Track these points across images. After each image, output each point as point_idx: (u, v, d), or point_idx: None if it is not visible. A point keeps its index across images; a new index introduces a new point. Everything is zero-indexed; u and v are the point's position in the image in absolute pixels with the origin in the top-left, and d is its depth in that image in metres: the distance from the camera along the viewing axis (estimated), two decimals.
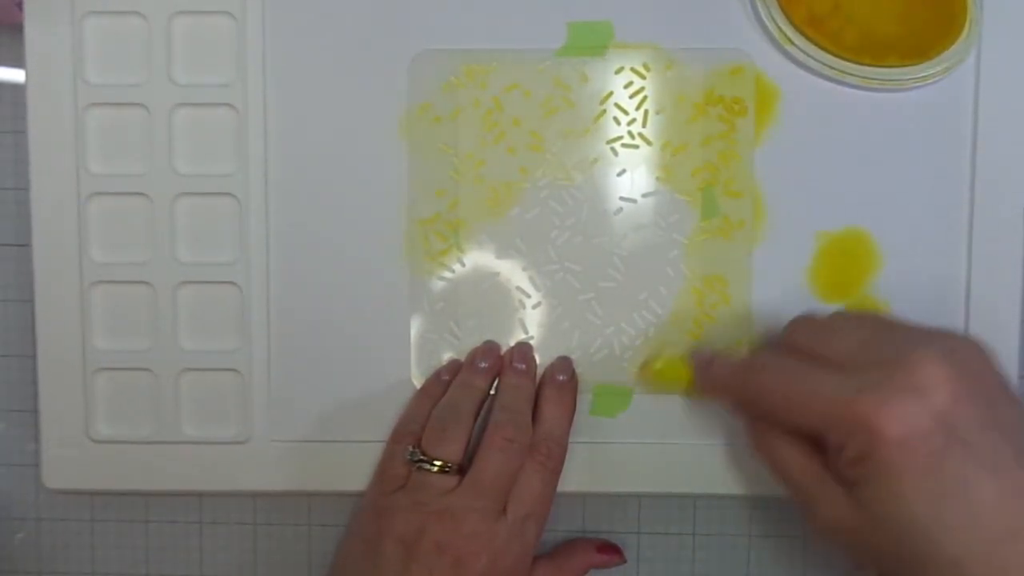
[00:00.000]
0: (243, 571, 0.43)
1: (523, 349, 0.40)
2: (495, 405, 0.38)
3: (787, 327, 0.36)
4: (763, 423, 0.35)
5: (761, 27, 0.39)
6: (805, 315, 0.36)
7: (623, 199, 0.39)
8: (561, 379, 0.39)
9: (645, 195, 0.39)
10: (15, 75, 0.42)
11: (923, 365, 0.30)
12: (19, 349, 0.43)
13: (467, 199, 0.40)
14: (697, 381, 0.38)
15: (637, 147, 0.39)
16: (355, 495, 0.40)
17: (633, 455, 0.40)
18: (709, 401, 0.39)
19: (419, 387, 0.40)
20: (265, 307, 0.40)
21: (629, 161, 0.39)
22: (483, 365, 0.39)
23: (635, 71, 0.39)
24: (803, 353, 0.34)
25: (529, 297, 0.40)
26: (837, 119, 0.39)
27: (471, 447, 0.38)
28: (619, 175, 0.39)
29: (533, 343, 0.40)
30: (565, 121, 0.39)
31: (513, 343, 0.40)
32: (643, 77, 0.39)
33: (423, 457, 0.37)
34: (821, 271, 0.39)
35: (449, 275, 0.40)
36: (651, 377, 0.40)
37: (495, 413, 0.38)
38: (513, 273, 0.40)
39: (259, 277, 0.40)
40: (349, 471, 0.40)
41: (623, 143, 0.39)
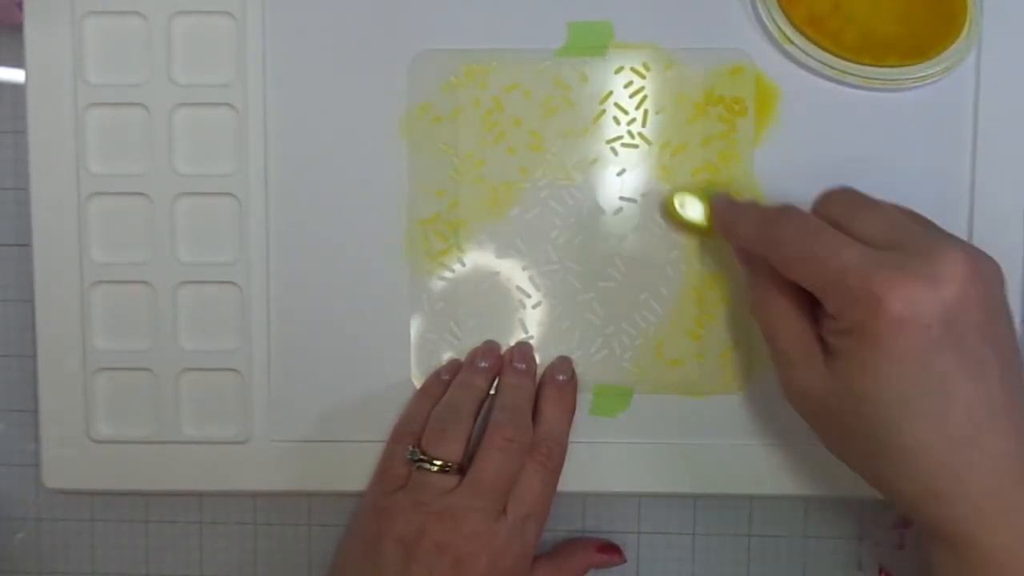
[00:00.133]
0: (243, 571, 0.43)
1: (523, 349, 0.40)
2: (495, 405, 0.38)
3: (821, 196, 0.35)
4: (766, 279, 0.34)
5: (761, 27, 0.39)
6: (842, 188, 0.35)
7: (623, 199, 0.39)
8: (561, 379, 0.39)
9: (645, 195, 0.39)
10: (15, 75, 0.42)
11: (947, 260, 0.30)
12: (19, 349, 0.43)
13: (467, 199, 0.40)
14: (717, 220, 0.37)
15: (637, 147, 0.39)
16: (355, 495, 0.40)
17: (633, 455, 0.40)
18: (724, 240, 0.38)
19: (419, 387, 0.40)
20: (265, 307, 0.40)
21: (629, 161, 0.39)
22: (483, 365, 0.39)
23: (635, 71, 0.39)
24: (832, 220, 0.33)
25: (529, 297, 0.40)
26: (837, 119, 0.39)
27: (471, 447, 0.38)
28: (619, 175, 0.39)
29: (533, 343, 0.40)
30: (565, 121, 0.39)
31: (513, 343, 0.40)
32: (643, 77, 0.39)
33: (423, 457, 0.37)
34: None
35: (449, 275, 0.40)
36: (671, 212, 0.39)
37: (495, 413, 0.38)
38: (513, 273, 0.40)
39: (259, 277, 0.40)
40: (349, 471, 0.40)
41: (623, 143, 0.39)
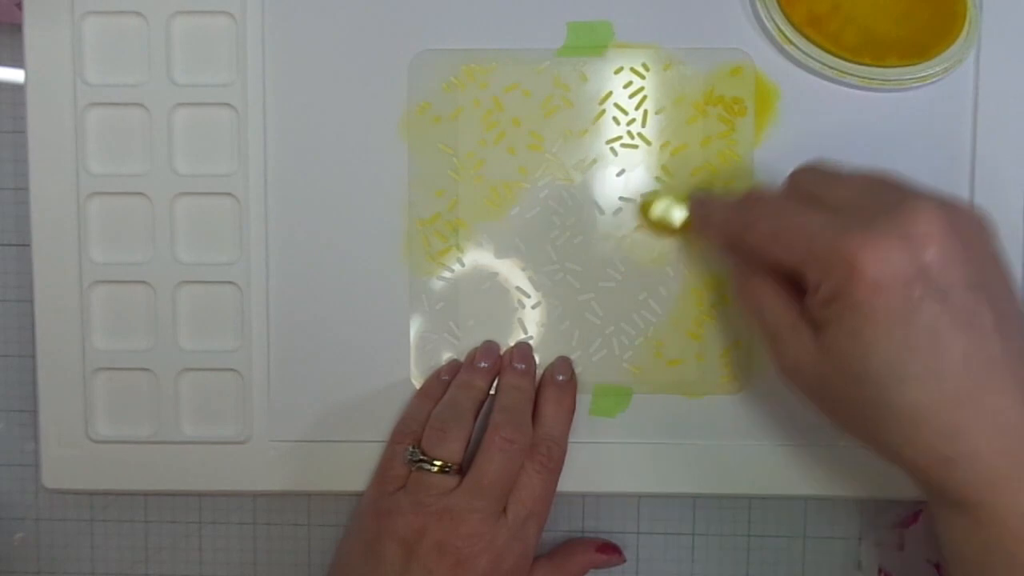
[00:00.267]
0: (243, 571, 0.43)
1: (523, 349, 0.40)
2: (495, 405, 0.38)
3: (791, 173, 0.35)
4: (749, 266, 0.34)
5: (761, 27, 0.39)
6: (811, 162, 0.34)
7: (623, 199, 0.39)
8: (561, 379, 0.39)
9: (645, 195, 0.39)
10: (15, 75, 0.42)
11: (920, 215, 0.29)
12: (19, 349, 0.43)
13: (467, 199, 0.40)
14: (694, 219, 0.37)
15: (637, 147, 0.39)
16: (355, 495, 0.40)
17: (633, 455, 0.40)
18: (704, 240, 0.38)
19: (419, 387, 0.40)
20: (265, 307, 0.40)
21: (629, 161, 0.39)
22: (483, 365, 0.39)
23: (635, 71, 0.39)
24: (802, 196, 0.33)
25: (529, 297, 0.40)
26: (837, 119, 0.39)
27: (471, 447, 0.38)
28: (619, 175, 0.39)
29: (533, 343, 0.40)
30: (565, 121, 0.39)
31: (513, 343, 0.40)
32: (643, 77, 0.39)
33: (423, 457, 0.37)
34: None
35: (449, 275, 0.40)
36: (650, 217, 0.39)
37: (495, 413, 0.38)
38: (513, 273, 0.40)
39: (259, 277, 0.40)
40: (349, 471, 0.40)
41: (623, 143, 0.39)
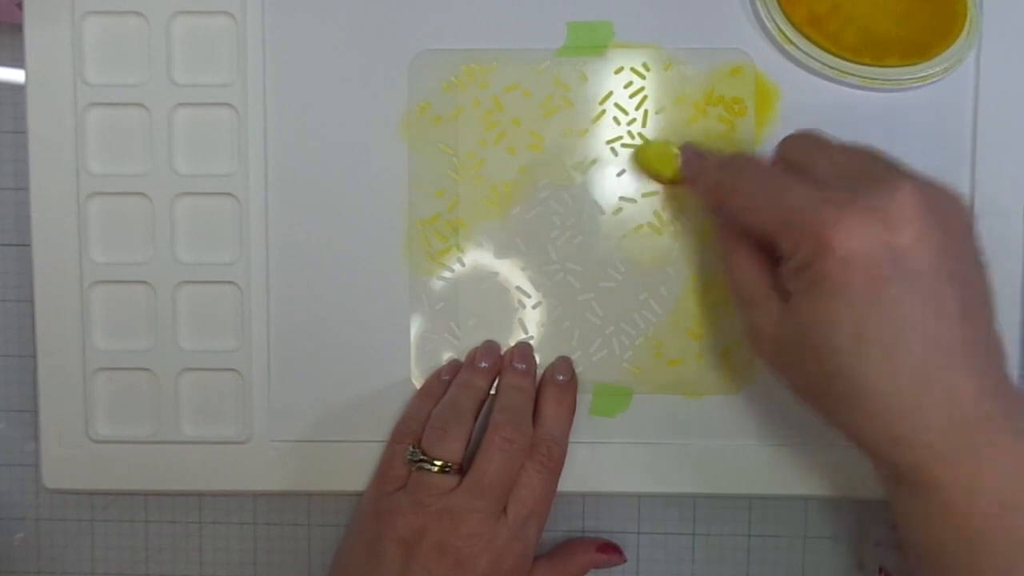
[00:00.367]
0: (243, 571, 0.43)
1: (523, 349, 0.40)
2: (495, 405, 0.38)
3: (781, 140, 0.35)
4: (732, 229, 0.35)
5: (761, 27, 0.39)
6: (801, 131, 0.35)
7: (623, 199, 0.40)
8: (561, 379, 0.39)
9: (645, 195, 0.39)
10: (15, 75, 0.42)
11: (899, 196, 0.29)
12: (19, 349, 0.43)
13: (467, 199, 0.40)
14: (684, 170, 0.38)
15: None
16: (355, 495, 0.40)
17: (633, 455, 0.40)
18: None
19: (419, 387, 0.40)
20: (265, 307, 0.40)
21: (629, 161, 0.39)
22: (483, 365, 0.39)
23: (635, 71, 0.39)
24: (788, 163, 0.33)
25: (529, 297, 0.40)
26: (837, 119, 0.39)
27: (471, 447, 0.38)
28: (619, 175, 0.39)
29: (533, 343, 0.40)
30: (565, 121, 0.39)
31: (513, 343, 0.40)
32: (643, 77, 0.39)
33: (423, 457, 0.37)
34: None
35: (449, 275, 0.40)
36: (642, 160, 0.39)
37: (495, 413, 0.38)
38: (513, 273, 0.40)
39: (259, 277, 0.40)
40: (349, 471, 0.40)
41: (623, 143, 0.39)
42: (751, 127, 0.39)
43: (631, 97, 0.39)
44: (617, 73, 0.39)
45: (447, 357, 0.40)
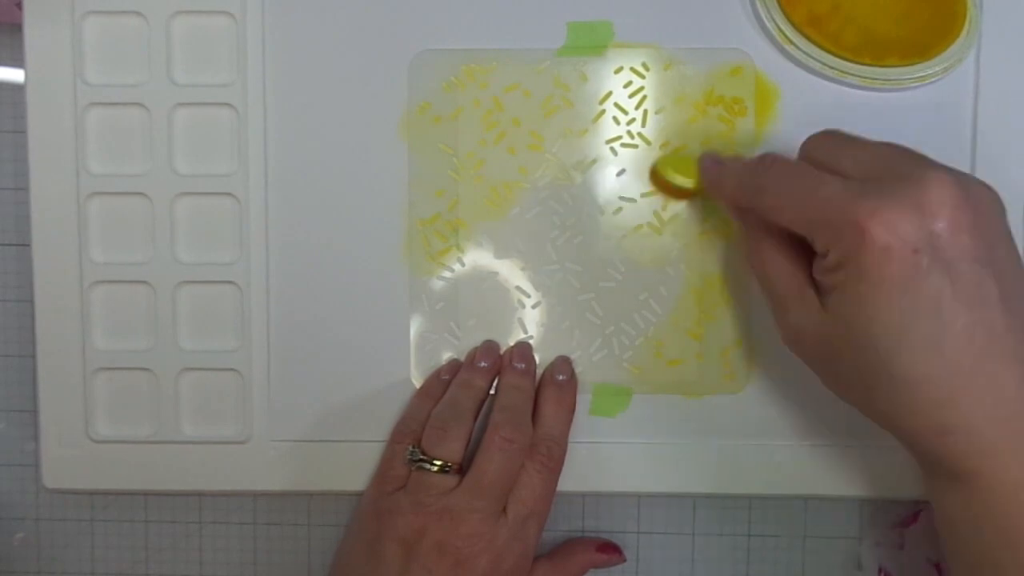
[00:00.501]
0: (243, 571, 0.43)
1: (523, 349, 0.40)
2: (495, 405, 0.38)
3: (805, 141, 0.34)
4: (758, 230, 0.34)
5: (761, 27, 0.39)
6: (825, 130, 0.34)
7: (623, 199, 0.39)
8: (561, 379, 0.39)
9: (645, 195, 0.39)
10: (15, 75, 0.42)
11: (933, 186, 0.29)
12: (19, 349, 0.43)
13: (467, 199, 0.40)
14: (704, 179, 0.37)
15: (637, 147, 0.39)
16: (355, 495, 0.40)
17: (633, 455, 0.40)
18: (715, 200, 0.38)
19: (419, 387, 0.40)
20: (265, 307, 0.40)
21: (629, 161, 0.39)
22: (483, 364, 0.39)
23: (635, 71, 0.39)
24: (816, 162, 0.33)
25: (529, 297, 0.40)
26: (837, 119, 0.39)
27: (471, 447, 0.38)
28: (619, 175, 0.39)
29: (533, 343, 0.40)
30: (565, 121, 0.39)
31: (513, 343, 0.40)
32: (642, 77, 0.39)
33: (423, 457, 0.37)
34: None
35: (449, 275, 0.40)
36: (661, 172, 0.39)
37: (495, 413, 0.38)
38: (513, 273, 0.40)
39: (259, 277, 0.40)
40: (349, 471, 0.40)
41: (623, 143, 0.39)
42: (751, 127, 0.39)
43: (631, 97, 0.39)
44: (617, 73, 0.39)
45: (447, 357, 0.40)
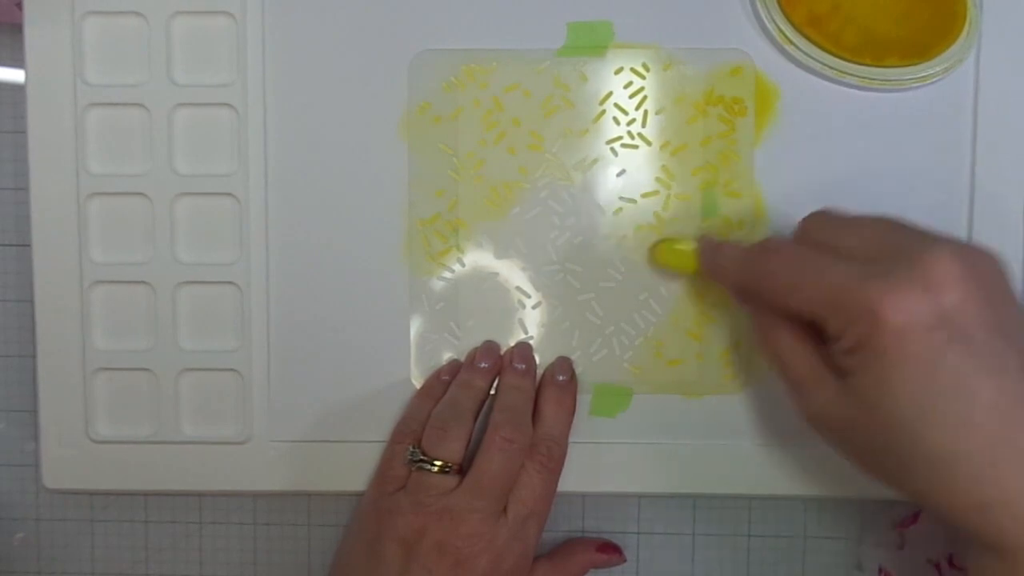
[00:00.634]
0: (243, 571, 0.43)
1: (523, 349, 0.40)
2: (495, 405, 0.38)
3: (801, 221, 0.34)
4: (768, 315, 0.34)
5: (761, 27, 0.39)
6: (820, 210, 0.35)
7: (623, 199, 0.39)
8: (561, 379, 0.39)
9: (645, 195, 0.39)
10: (15, 75, 0.42)
11: (937, 262, 0.29)
12: (19, 349, 0.43)
13: (467, 199, 0.40)
14: (704, 264, 0.37)
15: (637, 147, 0.39)
16: (355, 495, 0.40)
17: (633, 455, 0.40)
18: (714, 284, 0.38)
19: (419, 387, 0.40)
20: (265, 307, 0.40)
21: (629, 161, 0.39)
22: (483, 365, 0.39)
23: (635, 71, 0.39)
24: (816, 244, 0.33)
25: (529, 297, 0.40)
26: (837, 119, 0.39)
27: (471, 447, 0.38)
28: (619, 175, 0.39)
29: (533, 343, 0.40)
30: (565, 121, 0.39)
31: (513, 343, 0.40)
32: (643, 77, 0.39)
33: (423, 457, 0.37)
34: None
35: (449, 275, 0.40)
36: (658, 261, 0.39)
37: (495, 413, 0.38)
38: (513, 273, 0.40)
39: (259, 277, 0.40)
40: (349, 471, 0.40)
41: (623, 143, 0.39)
42: (751, 127, 0.39)
43: (631, 97, 0.39)
44: (617, 73, 0.39)
45: (447, 357, 0.40)
